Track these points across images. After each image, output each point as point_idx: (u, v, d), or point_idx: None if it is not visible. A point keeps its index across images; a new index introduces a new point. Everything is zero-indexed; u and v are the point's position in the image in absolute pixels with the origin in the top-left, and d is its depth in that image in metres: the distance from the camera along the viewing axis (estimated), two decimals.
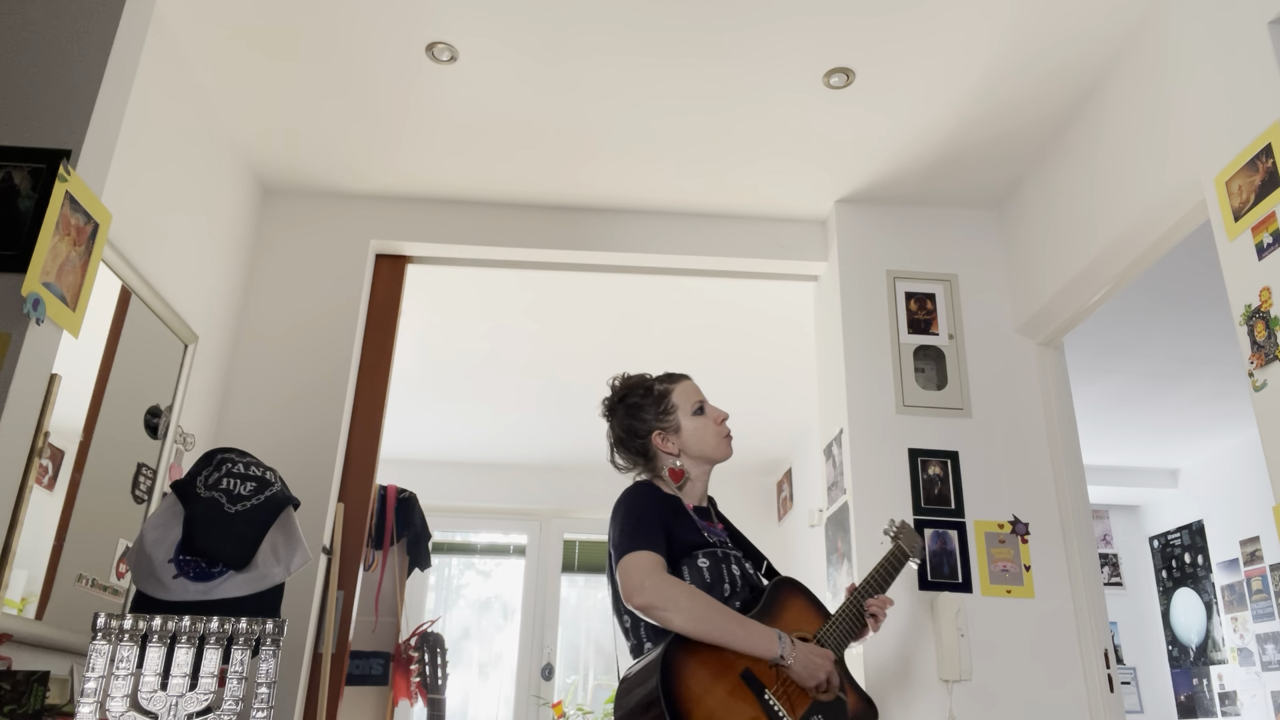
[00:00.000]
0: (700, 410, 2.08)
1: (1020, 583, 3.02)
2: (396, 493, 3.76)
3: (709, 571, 1.88)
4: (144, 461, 2.64)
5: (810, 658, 1.80)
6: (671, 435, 2.05)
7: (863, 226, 3.45)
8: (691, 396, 2.09)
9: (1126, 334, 4.22)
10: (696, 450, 2.06)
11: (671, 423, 2.06)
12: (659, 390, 2.09)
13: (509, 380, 4.89)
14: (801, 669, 1.78)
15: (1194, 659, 6.11)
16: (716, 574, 1.89)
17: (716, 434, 2.07)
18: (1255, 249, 2.05)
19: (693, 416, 2.07)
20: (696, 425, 2.06)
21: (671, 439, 2.05)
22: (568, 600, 6.17)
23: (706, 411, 2.09)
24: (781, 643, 1.78)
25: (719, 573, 1.89)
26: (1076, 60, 2.76)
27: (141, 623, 1.42)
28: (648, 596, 1.74)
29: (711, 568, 1.89)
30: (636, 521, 1.87)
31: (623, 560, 1.81)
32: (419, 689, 3.50)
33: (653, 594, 1.74)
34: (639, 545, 1.81)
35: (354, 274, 3.40)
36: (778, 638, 1.78)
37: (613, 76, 2.85)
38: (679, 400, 2.08)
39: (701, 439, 2.06)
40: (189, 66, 2.83)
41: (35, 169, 1.84)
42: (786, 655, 1.77)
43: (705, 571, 1.88)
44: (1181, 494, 6.31)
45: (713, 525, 2.05)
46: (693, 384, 2.13)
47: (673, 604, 1.74)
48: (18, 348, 1.74)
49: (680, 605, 1.74)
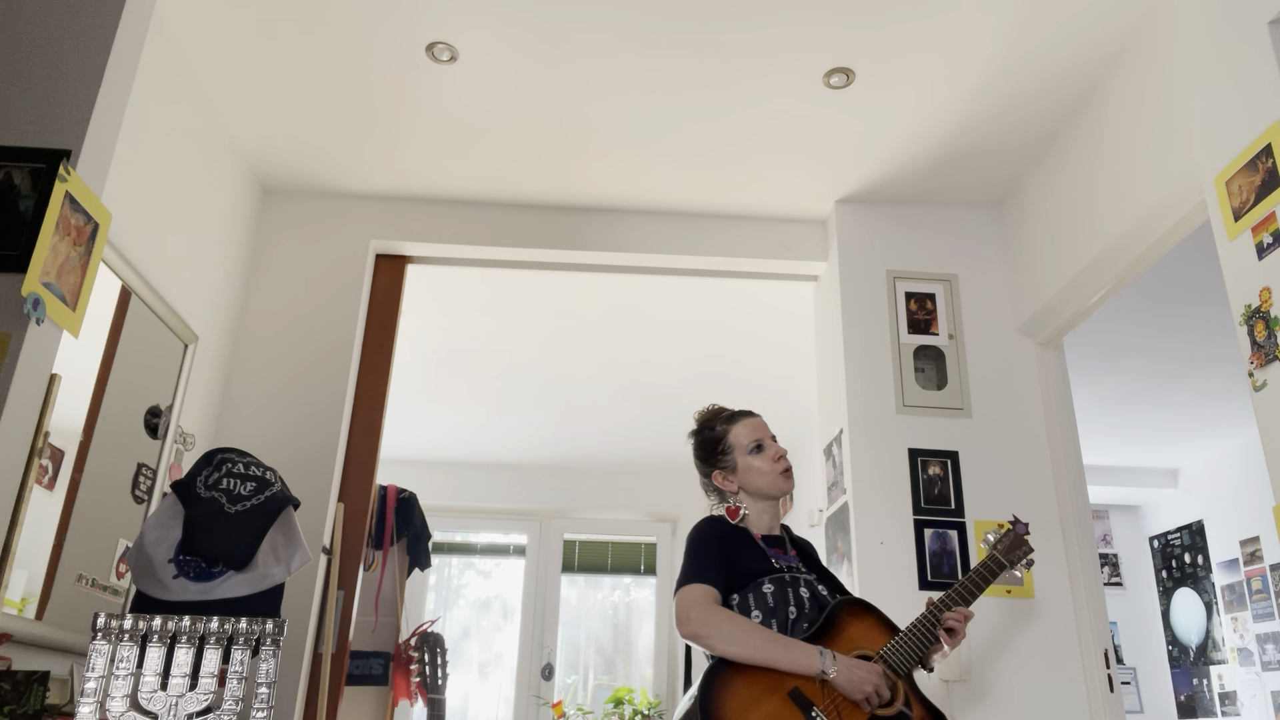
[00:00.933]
0: (758, 449, 2.16)
1: (1020, 583, 3.02)
2: (396, 493, 3.76)
3: (773, 596, 1.97)
4: (144, 461, 2.64)
5: (854, 671, 1.83)
6: (730, 474, 2.16)
7: (863, 226, 3.45)
8: (750, 435, 2.17)
9: (1126, 334, 4.22)
10: (753, 488, 2.14)
11: (729, 462, 2.16)
12: (718, 432, 2.20)
13: (509, 380, 4.89)
14: (845, 682, 1.82)
15: (1194, 659, 6.11)
16: (781, 597, 1.97)
17: (772, 471, 2.14)
18: (1255, 249, 2.05)
19: (749, 455, 2.15)
20: (752, 464, 2.14)
21: (730, 478, 2.16)
22: (568, 600, 6.17)
23: (765, 449, 2.16)
24: (823, 658, 1.83)
25: (784, 596, 1.98)
26: (1076, 60, 2.76)
27: (141, 623, 1.42)
28: (694, 626, 1.87)
29: (776, 592, 1.98)
30: (694, 557, 1.99)
31: (677, 595, 1.95)
32: (419, 689, 3.50)
33: (698, 623, 1.87)
34: (693, 579, 1.94)
35: (354, 274, 3.40)
36: (819, 653, 1.84)
37: (613, 76, 2.85)
38: (736, 440, 2.17)
39: (756, 477, 2.14)
40: (189, 66, 2.83)
41: (35, 169, 1.83)
42: (828, 669, 1.82)
43: (770, 596, 1.97)
44: (1181, 494, 6.31)
45: (783, 553, 2.12)
46: (755, 422, 2.22)
47: (715, 630, 1.85)
48: (18, 348, 1.74)
49: (722, 630, 1.85)
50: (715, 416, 2.26)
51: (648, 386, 4.94)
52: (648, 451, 5.89)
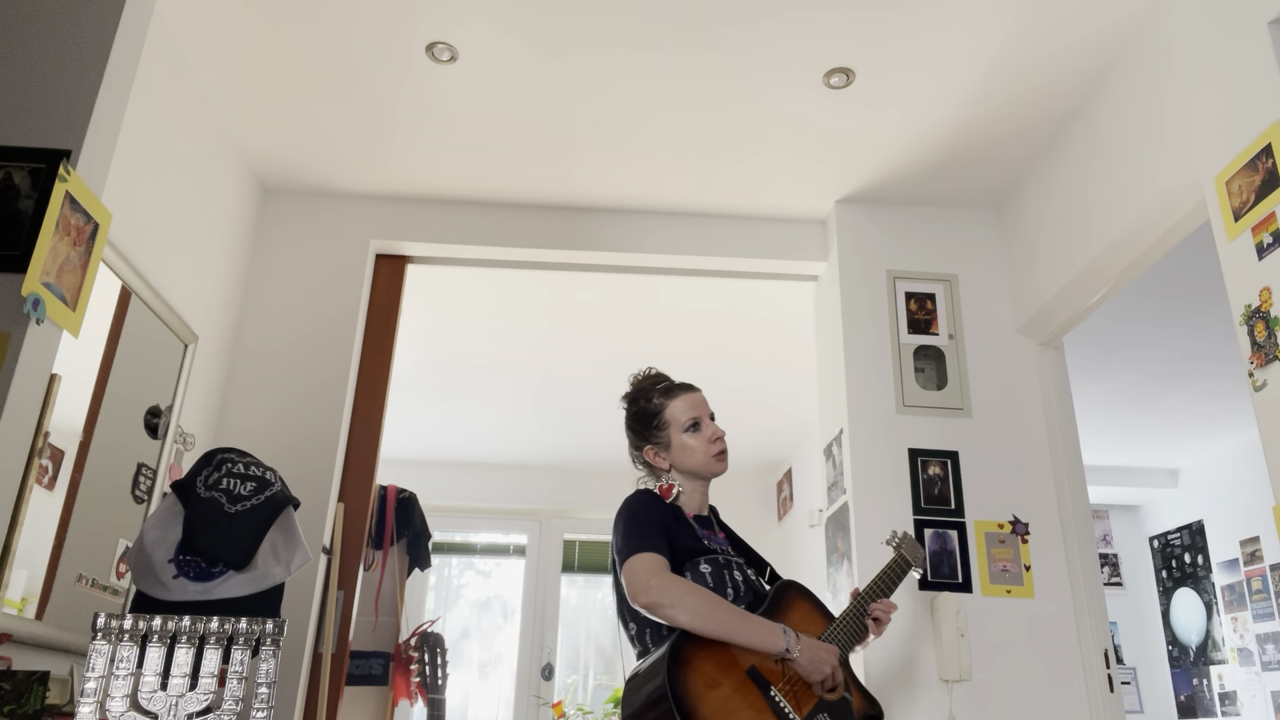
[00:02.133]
0: (694, 427, 2.07)
1: (1020, 583, 3.02)
2: (396, 493, 3.76)
3: (711, 576, 1.91)
4: (144, 461, 2.64)
5: (816, 652, 1.82)
6: (663, 451, 2.08)
7: (863, 226, 3.45)
8: (688, 412, 2.08)
9: (1126, 334, 4.22)
10: (685, 467, 2.07)
11: (664, 439, 2.08)
12: (654, 405, 2.10)
13: (509, 380, 4.89)
14: (807, 663, 1.80)
15: (1194, 659, 6.11)
16: (719, 579, 1.92)
17: (706, 452, 2.06)
18: (1255, 249, 2.05)
19: (684, 433, 2.07)
20: (686, 442, 2.06)
21: (663, 454, 2.08)
22: (568, 600, 6.17)
23: (702, 428, 2.07)
24: (787, 636, 1.80)
25: (721, 578, 1.92)
26: (1076, 60, 2.76)
27: (141, 623, 1.42)
28: (653, 595, 1.77)
29: (714, 573, 1.92)
30: (639, 526, 1.89)
31: (627, 562, 1.83)
32: (419, 689, 3.50)
33: (658, 592, 1.77)
34: (642, 547, 1.84)
35: (354, 274, 3.40)
36: (783, 631, 1.81)
37: (613, 77, 2.84)
38: (672, 416, 2.08)
39: (690, 457, 2.06)
40: (189, 66, 2.83)
41: (35, 169, 1.83)
42: (792, 648, 1.80)
43: (708, 576, 1.91)
44: (1181, 494, 6.31)
45: (713, 534, 2.07)
46: (695, 397, 2.11)
47: (677, 600, 1.76)
48: (18, 348, 1.74)
49: (685, 601, 1.76)
50: (652, 386, 2.14)
51: None
52: None
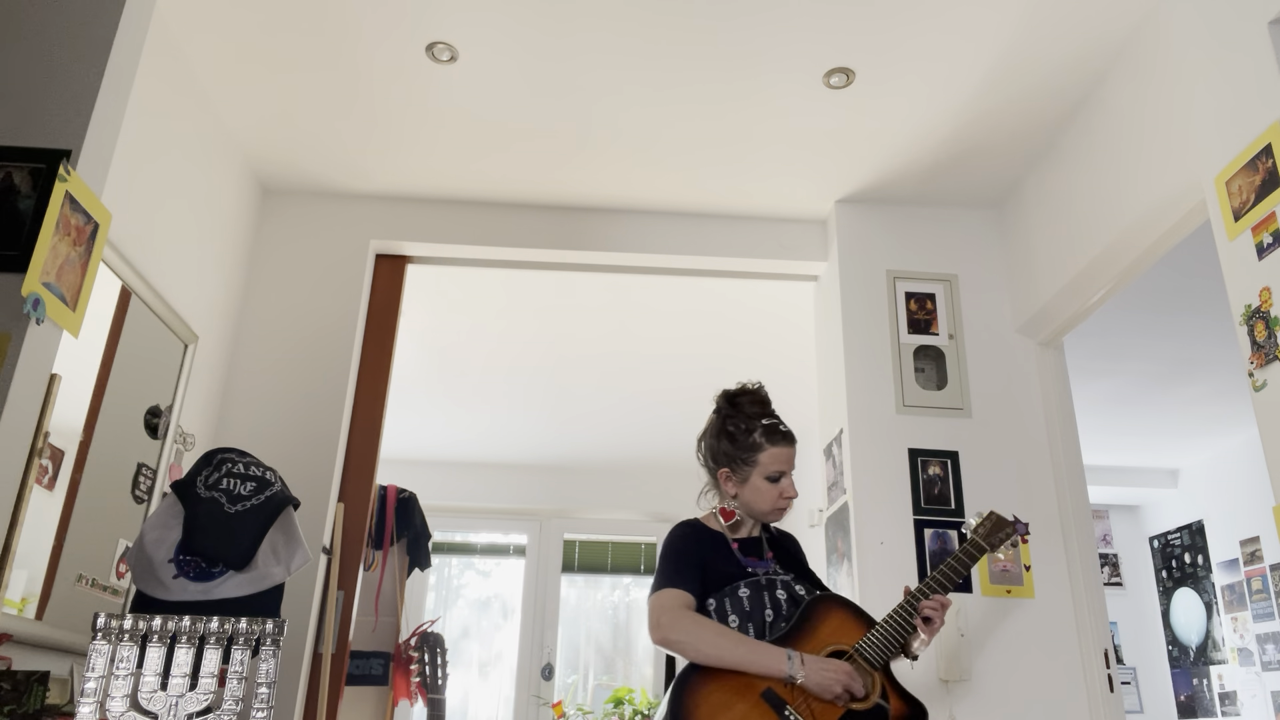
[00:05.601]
0: (775, 479, 2.09)
1: (1020, 583, 3.02)
2: (396, 493, 3.76)
3: (749, 600, 1.98)
4: (144, 461, 2.64)
5: (823, 673, 1.84)
6: (738, 483, 2.10)
7: (863, 226, 3.45)
8: (778, 466, 2.08)
9: (1126, 334, 4.22)
10: (747, 506, 2.11)
11: (744, 474, 2.09)
12: (753, 442, 2.10)
13: (509, 380, 4.89)
14: (814, 684, 1.84)
15: (1194, 659, 6.11)
16: (757, 601, 1.98)
17: (773, 504, 2.09)
18: (1255, 249, 2.05)
19: (764, 479, 2.09)
20: (761, 488, 2.08)
21: (735, 484, 2.11)
22: (568, 600, 6.17)
23: (780, 483, 2.09)
24: (790, 662, 1.84)
25: (760, 599, 1.98)
26: (1076, 60, 2.76)
27: (141, 623, 1.42)
28: (664, 632, 1.89)
29: (752, 596, 1.98)
30: (668, 561, 2.00)
31: (649, 599, 1.95)
32: (419, 689, 3.50)
33: (668, 629, 1.88)
34: (667, 584, 1.95)
35: (354, 274, 3.40)
36: (786, 657, 1.85)
37: (613, 76, 2.85)
38: (764, 460, 2.08)
39: (759, 501, 2.09)
40: (189, 66, 2.83)
41: (35, 169, 1.83)
42: (795, 673, 1.84)
43: (746, 600, 1.98)
44: (1181, 494, 6.31)
45: (759, 559, 2.10)
46: (789, 454, 2.10)
47: (684, 635, 1.87)
48: (18, 348, 1.74)
49: (691, 636, 1.87)
50: (760, 414, 2.13)
51: (647, 386, 4.94)
52: (647, 451, 5.90)
